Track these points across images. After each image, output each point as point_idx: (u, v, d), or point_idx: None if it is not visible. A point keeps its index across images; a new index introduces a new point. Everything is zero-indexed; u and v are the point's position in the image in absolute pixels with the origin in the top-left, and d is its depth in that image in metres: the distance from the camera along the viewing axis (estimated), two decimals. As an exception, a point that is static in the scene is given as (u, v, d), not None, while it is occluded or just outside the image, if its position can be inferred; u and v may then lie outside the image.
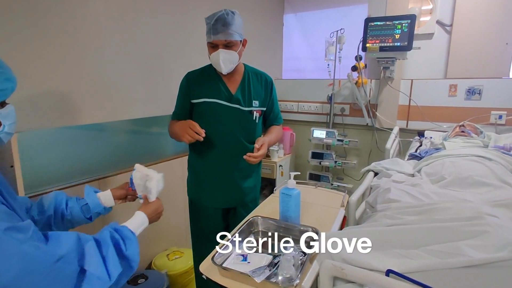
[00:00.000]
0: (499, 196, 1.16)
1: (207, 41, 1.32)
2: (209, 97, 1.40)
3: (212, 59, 1.33)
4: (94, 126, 1.66)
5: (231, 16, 1.28)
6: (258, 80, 1.50)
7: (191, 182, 1.57)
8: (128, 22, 1.66)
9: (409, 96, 2.50)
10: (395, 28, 2.13)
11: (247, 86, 1.46)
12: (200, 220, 1.56)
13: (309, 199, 1.38)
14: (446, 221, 0.90)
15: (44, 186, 1.45)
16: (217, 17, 1.25)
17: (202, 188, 1.51)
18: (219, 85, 1.42)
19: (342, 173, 2.91)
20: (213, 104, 1.41)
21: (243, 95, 1.43)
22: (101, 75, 1.56)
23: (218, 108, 1.41)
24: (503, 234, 0.81)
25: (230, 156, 1.45)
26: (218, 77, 1.43)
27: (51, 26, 1.33)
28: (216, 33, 1.26)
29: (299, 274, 0.81)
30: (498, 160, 1.45)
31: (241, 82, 1.45)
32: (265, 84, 1.51)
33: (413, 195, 1.20)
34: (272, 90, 1.55)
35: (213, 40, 1.28)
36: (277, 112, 1.61)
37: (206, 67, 1.47)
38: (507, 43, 2.18)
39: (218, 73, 1.43)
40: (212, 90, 1.41)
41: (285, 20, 3.22)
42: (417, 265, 0.75)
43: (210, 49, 1.33)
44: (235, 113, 1.42)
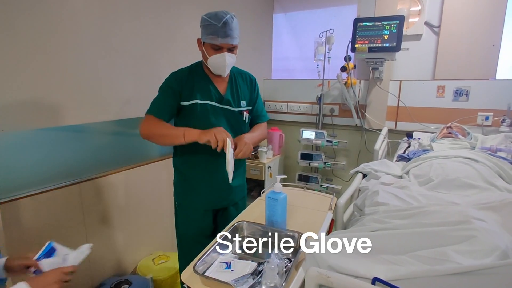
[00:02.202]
0: (486, 198, 1.16)
1: (210, 42, 1.27)
2: (201, 99, 1.36)
3: (214, 61, 1.30)
4: (75, 127, 1.60)
5: (235, 20, 1.29)
6: (243, 80, 1.49)
7: (180, 185, 1.51)
8: (109, 21, 1.60)
9: (397, 97, 2.50)
10: (384, 29, 2.13)
11: (234, 86, 1.44)
12: (189, 223, 1.50)
13: (297, 202, 1.36)
14: (433, 226, 0.89)
15: (20, 190, 1.38)
16: (225, 20, 1.24)
17: (192, 190, 1.46)
18: (209, 86, 1.38)
19: (331, 174, 2.90)
20: (204, 105, 1.36)
21: (232, 95, 1.42)
22: (81, 76, 1.50)
23: (210, 110, 1.37)
24: (490, 239, 0.80)
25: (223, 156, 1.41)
26: (207, 77, 1.39)
27: (29, 27, 1.27)
28: (225, 36, 1.25)
29: (283, 283, 0.78)
30: (485, 162, 1.46)
31: (228, 82, 1.43)
32: (250, 83, 1.51)
33: (401, 198, 1.19)
34: (256, 88, 1.53)
35: (221, 43, 1.26)
36: (261, 110, 1.57)
37: (193, 66, 1.42)
38: (494, 44, 2.20)
39: (206, 74, 1.39)
40: (203, 91, 1.37)
41: (275, 19, 3.19)
42: (404, 272, 0.72)
43: (210, 51, 1.29)
44: (226, 114, 1.40)
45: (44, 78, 1.35)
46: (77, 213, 1.57)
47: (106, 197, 1.68)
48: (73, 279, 1.40)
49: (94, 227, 1.65)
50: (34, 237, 1.40)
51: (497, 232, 0.86)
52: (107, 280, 1.71)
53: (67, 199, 1.53)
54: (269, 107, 3.14)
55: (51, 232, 1.46)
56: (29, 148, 1.43)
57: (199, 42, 1.34)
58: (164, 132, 1.29)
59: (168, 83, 1.37)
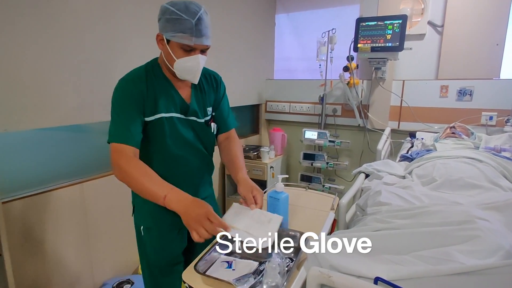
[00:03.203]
0: (490, 198, 1.15)
1: (180, 42, 1.00)
2: (166, 111, 1.09)
3: (184, 65, 1.04)
4: (76, 127, 1.60)
5: (208, 16, 1.05)
6: (207, 82, 1.23)
7: (146, 207, 1.17)
8: (112, 22, 1.61)
9: (400, 97, 2.49)
10: (387, 29, 2.12)
11: (199, 91, 1.19)
12: (162, 248, 1.23)
13: (299, 202, 1.35)
14: (436, 225, 0.88)
15: (22, 190, 1.39)
16: (200, 15, 1.00)
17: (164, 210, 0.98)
18: (171, 93, 1.11)
19: (334, 174, 2.89)
20: (171, 119, 1.10)
21: (198, 104, 1.18)
22: (84, 75, 1.51)
23: (177, 124, 1.12)
24: (494, 239, 0.79)
25: (197, 171, 1.23)
26: (168, 82, 1.12)
27: (25, 24, 1.27)
28: (200, 35, 1.01)
29: (284, 282, 0.78)
30: (489, 162, 1.45)
31: (192, 87, 1.18)
32: (216, 84, 1.26)
33: (404, 198, 1.18)
34: (221, 88, 1.28)
35: (195, 43, 1.01)
36: (227, 115, 1.30)
37: (149, 68, 1.11)
38: (498, 44, 2.18)
39: (166, 77, 1.12)
40: (168, 101, 1.10)
41: (277, 20, 3.19)
42: (407, 272, 0.72)
43: (179, 52, 1.02)
44: (193, 126, 1.17)
45: (46, 78, 1.36)
46: (78, 213, 1.58)
47: (107, 197, 1.69)
48: (75, 278, 1.40)
49: (95, 227, 1.66)
50: (36, 236, 1.41)
51: (501, 231, 0.85)
52: (109, 280, 1.72)
53: (69, 198, 1.53)
54: (271, 107, 3.14)
55: (52, 231, 1.47)
56: (28, 148, 1.44)
57: (159, 39, 1.06)
58: (141, 186, 0.97)
59: (128, 93, 1.05)
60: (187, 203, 0.92)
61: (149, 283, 1.26)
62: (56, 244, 1.50)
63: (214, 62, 2.33)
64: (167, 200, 0.92)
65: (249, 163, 2.67)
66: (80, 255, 1.62)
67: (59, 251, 1.52)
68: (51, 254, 1.48)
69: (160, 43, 1.06)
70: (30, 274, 1.41)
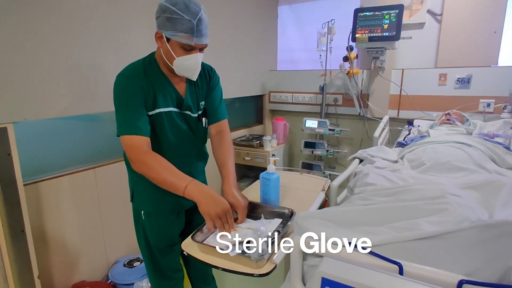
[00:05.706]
0: (473, 179, 1.21)
1: (182, 41, 1.05)
2: (164, 106, 1.16)
3: (184, 63, 1.09)
4: (91, 116, 1.73)
5: (206, 15, 1.09)
6: (201, 76, 1.27)
7: (146, 193, 1.25)
8: (119, 19, 1.71)
9: (400, 86, 2.53)
10: (384, 18, 2.16)
11: (194, 87, 1.25)
12: (162, 231, 1.30)
13: (293, 185, 1.44)
14: (411, 201, 0.96)
15: (42, 174, 1.53)
16: (200, 16, 1.04)
17: (163, 194, 1.12)
18: (169, 88, 1.18)
19: (334, 162, 2.97)
20: (170, 113, 1.18)
21: (192, 99, 1.24)
22: (90, 66, 1.62)
23: (174, 118, 1.19)
24: (461, 212, 0.87)
25: (191, 163, 1.31)
26: (165, 77, 1.17)
27: (48, 21, 1.39)
28: (200, 35, 1.06)
29: (269, 251, 0.88)
30: (478, 146, 1.49)
31: (187, 82, 1.23)
32: (208, 76, 1.30)
33: (390, 179, 1.25)
34: (213, 79, 1.31)
35: (196, 43, 1.06)
36: (218, 105, 1.32)
37: (146, 63, 1.16)
38: (496, 31, 2.20)
39: (163, 72, 1.17)
40: (165, 96, 1.16)
41: (280, 12, 3.24)
42: (378, 240, 0.80)
43: (179, 50, 1.07)
44: (187, 120, 1.24)
45: (64, 71, 1.47)
46: (92, 196, 1.71)
47: (117, 181, 1.81)
48: (90, 255, 1.52)
49: (107, 209, 1.79)
50: (53, 216, 1.55)
51: (471, 206, 0.92)
52: (121, 258, 1.86)
53: (84, 182, 1.67)
54: (275, 97, 3.21)
55: (68, 211, 1.61)
56: (48, 136, 1.57)
57: (158, 37, 1.09)
58: (162, 178, 1.05)
59: (132, 88, 1.09)
60: (208, 196, 1.02)
61: (150, 264, 1.34)
62: (72, 224, 1.64)
63: (219, 55, 2.41)
64: (187, 189, 1.02)
65: (252, 151, 2.78)
66: (94, 234, 1.76)
67: (75, 230, 1.65)
68: (67, 232, 1.62)
69: (159, 41, 1.09)
70: (49, 251, 1.55)
